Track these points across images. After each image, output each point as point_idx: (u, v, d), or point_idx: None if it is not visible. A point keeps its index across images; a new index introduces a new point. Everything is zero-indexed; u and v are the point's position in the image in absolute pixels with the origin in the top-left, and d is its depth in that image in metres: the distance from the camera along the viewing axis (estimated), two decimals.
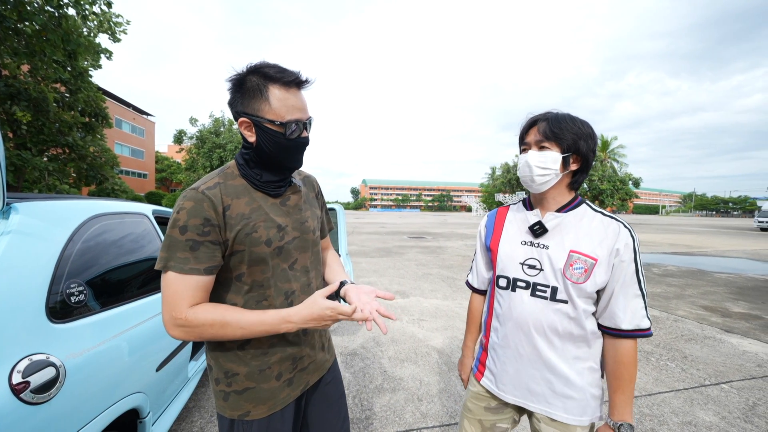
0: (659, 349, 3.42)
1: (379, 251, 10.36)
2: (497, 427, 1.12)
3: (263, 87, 0.84)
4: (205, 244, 0.82)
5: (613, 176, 38.26)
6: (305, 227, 1.01)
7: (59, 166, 10.88)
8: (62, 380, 1.07)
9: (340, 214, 3.12)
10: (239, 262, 0.88)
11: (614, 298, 0.92)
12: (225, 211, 0.85)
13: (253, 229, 0.88)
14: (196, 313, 0.80)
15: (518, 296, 1.02)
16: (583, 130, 0.95)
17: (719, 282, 6.64)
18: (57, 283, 1.21)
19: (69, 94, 10.65)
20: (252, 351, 0.92)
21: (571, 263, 0.94)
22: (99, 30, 8.79)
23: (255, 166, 0.92)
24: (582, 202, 1.02)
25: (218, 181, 0.89)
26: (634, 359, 0.93)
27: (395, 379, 2.76)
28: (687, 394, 2.57)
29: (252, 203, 0.91)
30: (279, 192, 0.97)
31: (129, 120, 39.95)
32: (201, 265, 0.82)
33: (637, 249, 0.93)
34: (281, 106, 0.85)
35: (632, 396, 0.93)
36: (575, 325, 0.96)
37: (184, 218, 0.81)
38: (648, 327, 0.92)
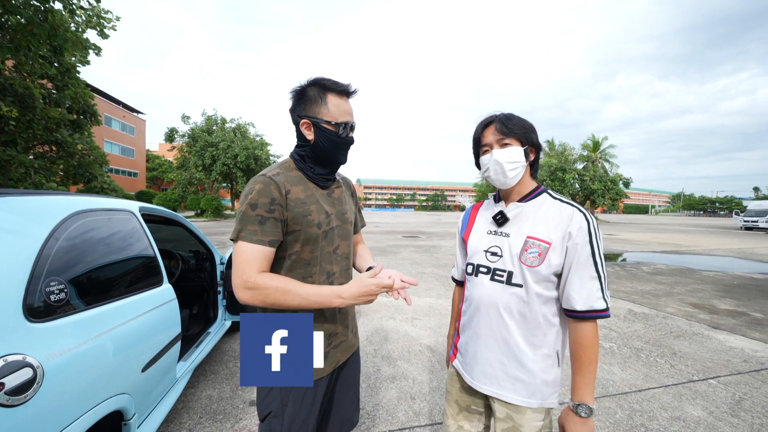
0: (649, 345, 3.46)
1: (373, 250, 10.33)
2: (472, 408, 1.18)
3: (323, 95, 1.03)
4: (271, 220, 0.96)
5: (604, 176, 38.75)
6: (346, 218, 1.17)
7: (46, 163, 10.60)
8: (40, 381, 1.03)
9: None
10: (294, 241, 1.02)
11: (569, 280, 0.95)
12: (287, 195, 1.00)
13: (308, 212, 1.03)
14: (264, 278, 0.92)
15: (480, 281, 1.09)
16: (528, 125, 1.06)
17: (707, 280, 6.77)
18: (36, 281, 1.16)
19: (56, 91, 10.37)
20: None
21: (527, 248, 1.00)
22: (87, 25, 8.60)
23: (309, 161, 1.09)
24: (544, 191, 1.08)
25: (279, 171, 1.04)
26: (593, 341, 0.94)
27: (388, 377, 2.75)
28: (676, 390, 2.60)
29: (307, 191, 1.06)
30: (327, 184, 1.13)
31: (119, 118, 39.17)
32: (266, 237, 0.95)
33: (593, 232, 0.95)
34: (336, 111, 1.03)
35: (592, 378, 0.94)
36: (528, 309, 1.00)
37: (255, 197, 0.96)
38: (603, 308, 0.93)
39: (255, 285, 0.91)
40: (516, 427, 1.02)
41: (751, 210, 26.95)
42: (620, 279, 6.75)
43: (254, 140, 34.90)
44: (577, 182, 39.07)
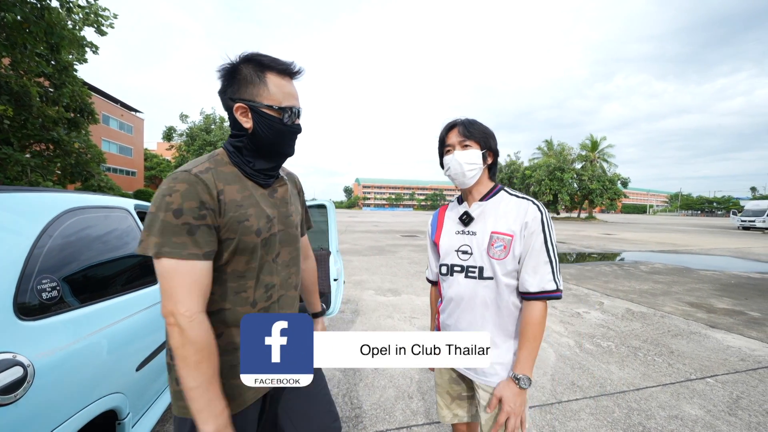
0: (647, 344, 3.46)
1: (371, 249, 10.32)
2: (463, 395, 1.26)
3: (261, 74, 0.85)
4: (202, 227, 0.78)
5: (603, 176, 38.86)
6: (290, 221, 1.01)
7: (43, 162, 10.53)
8: (30, 380, 1.02)
9: (330, 210, 3.07)
10: (225, 250, 0.85)
11: (525, 265, 1.05)
12: (219, 195, 0.83)
13: (245, 217, 0.86)
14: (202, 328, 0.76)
15: (455, 279, 1.15)
16: (488, 131, 1.14)
17: (704, 279, 6.78)
18: (27, 279, 1.14)
19: (53, 89, 10.30)
20: (223, 345, 0.87)
21: (493, 243, 1.08)
22: (84, 23, 8.55)
23: (248, 154, 0.91)
24: (501, 189, 1.17)
25: (209, 166, 0.86)
26: (541, 320, 1.04)
27: (385, 376, 2.74)
28: (673, 389, 2.60)
29: (243, 191, 0.89)
30: (268, 182, 0.96)
31: (117, 117, 38.98)
32: (200, 249, 0.77)
33: (545, 221, 1.06)
34: (278, 92, 0.87)
35: (534, 354, 1.05)
36: (500, 299, 1.09)
37: (178, 201, 0.76)
38: (554, 289, 1.03)
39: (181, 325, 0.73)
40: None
41: (748, 210, 27.07)
42: (618, 278, 6.76)
43: None
44: (575, 182, 39.17)
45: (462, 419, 1.29)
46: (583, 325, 4.03)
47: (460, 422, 1.30)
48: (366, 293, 5.29)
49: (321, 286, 2.83)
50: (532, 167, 42.39)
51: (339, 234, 15.27)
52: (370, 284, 5.87)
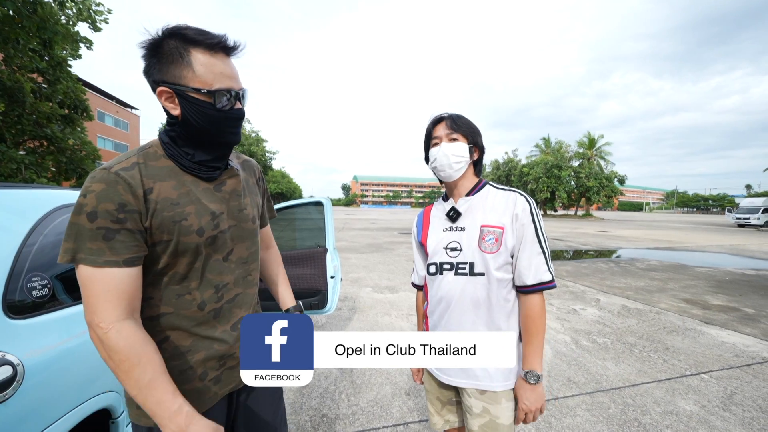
0: (642, 341, 3.48)
1: (369, 247, 10.32)
2: (453, 401, 1.22)
3: (184, 51, 0.74)
4: (122, 232, 0.71)
5: (600, 174, 39.00)
6: (243, 215, 0.93)
7: (37, 159, 10.41)
8: (20, 379, 1.00)
9: (327, 207, 3.05)
10: (161, 253, 0.78)
11: (519, 258, 1.04)
12: (146, 195, 0.75)
13: (183, 216, 0.79)
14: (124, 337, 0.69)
15: (445, 278, 1.12)
16: (475, 127, 1.14)
17: (699, 276, 6.83)
18: (17, 277, 1.13)
19: (47, 85, 10.16)
20: (170, 349, 0.82)
21: (484, 236, 1.06)
22: (78, 18, 8.44)
23: (184, 144, 0.81)
24: (486, 183, 1.16)
25: (137, 161, 0.77)
26: (541, 312, 1.03)
27: (382, 374, 2.74)
28: (669, 385, 2.62)
29: (180, 187, 0.80)
30: (213, 175, 0.87)
31: (112, 113, 38.60)
32: (119, 256, 0.70)
33: (534, 212, 1.05)
34: (207, 73, 0.76)
35: (540, 347, 1.03)
36: (492, 295, 1.06)
37: (93, 203, 0.68)
38: (550, 279, 1.03)
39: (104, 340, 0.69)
40: (493, 420, 1.06)
41: (743, 207, 27.30)
42: (614, 275, 6.80)
43: (249, 136, 34.61)
44: (572, 179, 39.30)
45: (454, 425, 1.25)
46: (579, 321, 4.05)
47: (452, 428, 1.26)
48: (363, 290, 5.29)
49: (318, 283, 2.82)
50: (530, 165, 42.48)
51: (337, 231, 15.24)
52: (367, 281, 5.87)
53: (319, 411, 2.24)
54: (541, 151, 45.52)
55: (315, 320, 3.93)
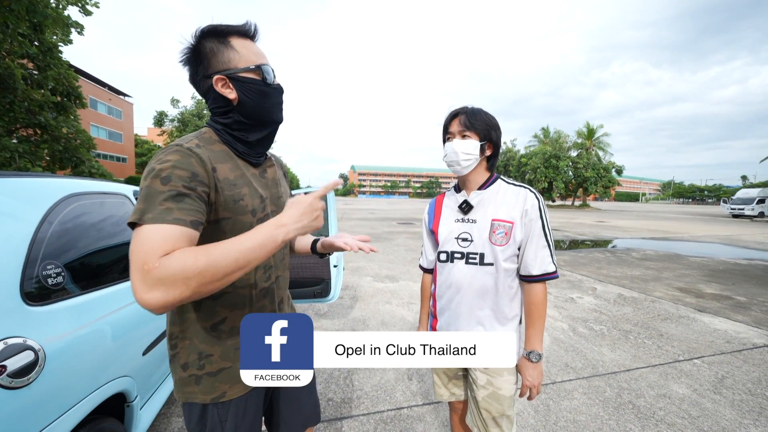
0: (637, 328, 3.58)
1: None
2: (459, 374, 1.33)
3: (225, 40, 0.82)
4: (191, 196, 0.70)
5: (598, 164, 39.05)
6: (280, 202, 0.99)
7: (31, 147, 10.24)
8: (42, 364, 1.03)
9: (330, 198, 3.06)
10: (222, 232, 0.80)
11: (526, 250, 1.12)
12: (213, 172, 0.78)
13: (240, 197, 0.83)
14: (171, 258, 0.60)
15: (455, 265, 1.19)
16: (492, 122, 1.16)
17: (693, 265, 6.96)
18: (32, 264, 1.14)
19: (38, 71, 9.92)
20: (227, 330, 0.87)
21: (494, 230, 1.13)
22: (68, 2, 8.18)
23: (238, 128, 0.87)
24: (497, 178, 1.21)
25: (200, 143, 0.80)
26: (544, 299, 1.13)
27: None
28: (662, 369, 2.71)
29: (236, 170, 0.85)
30: (260, 161, 0.94)
31: (105, 101, 37.73)
32: (188, 216, 0.67)
33: (542, 208, 1.12)
34: (248, 53, 0.84)
35: (541, 330, 1.14)
36: (499, 283, 1.14)
37: (169, 168, 0.69)
38: (554, 270, 1.12)
39: (163, 272, 0.58)
40: (495, 391, 1.17)
41: (738, 198, 27.55)
42: (611, 264, 6.90)
43: None
44: (570, 170, 39.33)
45: (459, 397, 1.34)
46: (576, 309, 4.13)
47: (457, 400, 1.36)
48: (364, 280, 5.34)
49: (321, 272, 2.85)
50: (528, 155, 42.39)
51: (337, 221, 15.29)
52: (368, 271, 5.92)
53: (324, 395, 2.31)
54: (540, 141, 45.38)
55: (317, 308, 3.98)
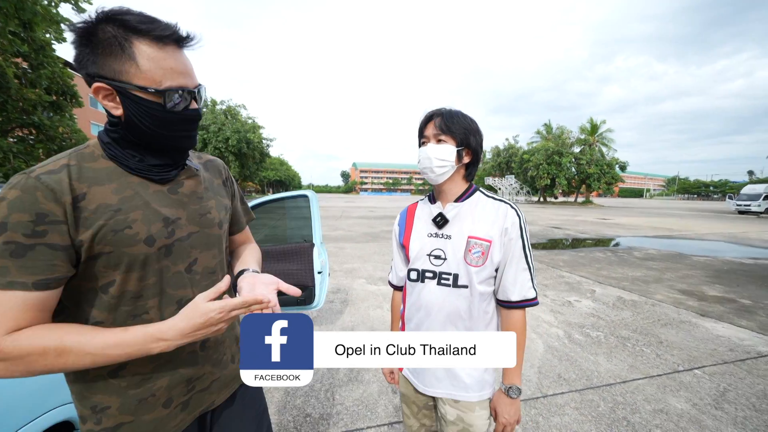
0: (636, 334, 3.44)
1: (365, 236, 10.25)
2: (430, 405, 1.20)
3: (125, 42, 0.63)
4: (38, 248, 0.60)
5: (601, 160, 38.63)
6: (207, 220, 0.83)
7: (26, 147, 10.19)
8: None
9: (313, 200, 2.95)
10: (107, 268, 0.68)
11: (505, 273, 1.02)
12: (76, 203, 0.64)
13: (126, 224, 0.68)
14: (16, 340, 0.57)
15: (426, 286, 1.08)
16: (471, 126, 1.04)
17: (697, 265, 6.79)
18: None
19: (31, 70, 9.84)
20: (128, 378, 0.73)
21: (470, 249, 1.02)
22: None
23: (128, 147, 0.71)
24: (476, 190, 1.11)
25: (67, 163, 0.66)
26: (523, 327, 1.04)
27: (370, 370, 2.70)
28: (660, 381, 2.58)
29: (123, 190, 0.70)
30: (167, 176, 0.76)
31: None
32: (29, 277, 0.59)
33: (523, 227, 1.02)
34: (155, 68, 0.65)
35: (521, 361, 1.04)
36: (473, 308, 1.04)
37: (3, 213, 0.58)
38: (534, 297, 1.03)
39: (5, 355, 0.56)
40: (466, 428, 1.06)
41: (744, 194, 27.13)
42: (611, 265, 6.75)
43: (246, 123, 34.12)
44: (573, 166, 38.97)
45: (430, 429, 1.24)
46: (573, 314, 4.00)
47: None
48: (357, 282, 5.24)
49: (304, 279, 2.74)
50: (531, 151, 42.02)
51: (334, 220, 15.16)
52: (361, 272, 5.82)
53: (303, 410, 2.20)
54: (543, 137, 44.93)
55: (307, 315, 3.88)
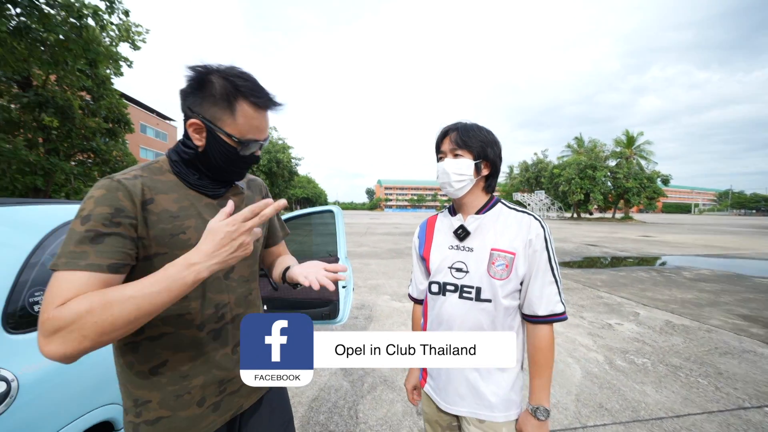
0: (689, 363, 3.11)
1: (390, 252, 10.22)
2: (453, 425, 1.16)
3: (233, 99, 0.76)
4: (113, 236, 0.67)
5: (640, 173, 36.44)
6: None
7: (84, 170, 11.41)
8: (14, 395, 1.01)
9: (338, 215, 3.00)
10: (156, 267, 0.71)
11: (530, 286, 0.99)
12: (146, 204, 0.74)
13: (181, 230, 0.77)
14: (67, 305, 0.58)
15: (448, 300, 1.06)
16: (488, 138, 1.04)
17: (760, 288, 6.08)
18: (18, 292, 1.15)
19: (93, 101, 11.14)
20: (168, 374, 0.79)
21: (493, 261, 1.00)
22: (119, 39, 9.13)
23: (192, 168, 0.83)
24: (497, 201, 1.10)
25: (139, 174, 0.77)
26: (551, 344, 0.99)
27: (395, 389, 2.62)
28: (722, 418, 2.29)
29: (182, 201, 0.80)
30: (218, 192, 0.87)
31: (153, 125, 41.93)
32: (104, 259, 0.64)
33: (548, 238, 0.99)
34: (245, 125, 0.78)
35: (549, 381, 0.99)
36: (496, 323, 1.00)
37: (90, 207, 0.66)
38: (562, 311, 0.99)
39: (55, 321, 0.56)
40: None
41: None
42: (657, 285, 6.22)
43: (276, 143, 35.87)
44: (609, 180, 37.03)
45: None
46: (614, 338, 3.70)
47: None
48: (381, 298, 5.19)
49: (328, 293, 2.76)
50: (561, 166, 40.55)
51: (359, 236, 15.26)
52: (386, 289, 5.77)
53: (326, 427, 2.17)
54: (574, 151, 43.35)
55: (329, 330, 3.88)
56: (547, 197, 42.30)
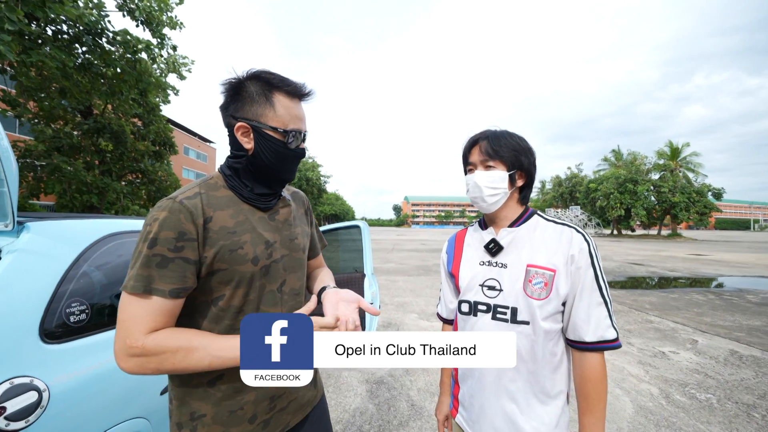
0: (765, 402, 2.68)
1: (417, 269, 10.03)
2: None
3: (268, 93, 0.82)
4: (176, 261, 0.73)
5: (687, 187, 33.73)
6: (295, 245, 0.95)
7: (133, 189, 12.54)
8: (44, 405, 1.02)
9: (365, 231, 2.98)
10: (220, 283, 0.80)
11: (575, 308, 0.88)
12: (206, 224, 0.77)
13: (239, 245, 0.81)
14: (156, 339, 0.69)
15: (479, 321, 0.97)
16: (521, 146, 0.96)
17: None
18: (56, 302, 1.19)
19: (143, 127, 12.35)
20: (223, 388, 0.81)
21: (530, 279, 0.90)
22: (168, 70, 10.07)
23: (246, 176, 0.87)
24: (533, 213, 1.01)
25: (198, 191, 0.81)
26: (602, 375, 0.87)
27: (423, 414, 2.47)
28: None
29: (238, 216, 0.84)
30: (269, 205, 0.91)
31: (194, 147, 45.40)
32: (167, 285, 0.72)
33: (593, 253, 0.89)
34: (286, 114, 0.83)
35: (603, 417, 0.86)
36: (536, 348, 0.90)
37: (156, 230, 0.72)
38: (614, 338, 0.86)
39: (143, 350, 0.67)
40: None
41: None
42: (717, 310, 5.55)
43: (306, 162, 37.28)
44: (652, 194, 34.58)
45: None
46: (670, 368, 3.29)
47: None
48: (408, 317, 5.04)
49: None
50: (598, 180, 38.54)
51: (386, 253, 15.20)
52: (413, 307, 5.61)
53: None
54: (611, 164, 41.18)
55: None
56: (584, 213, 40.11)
